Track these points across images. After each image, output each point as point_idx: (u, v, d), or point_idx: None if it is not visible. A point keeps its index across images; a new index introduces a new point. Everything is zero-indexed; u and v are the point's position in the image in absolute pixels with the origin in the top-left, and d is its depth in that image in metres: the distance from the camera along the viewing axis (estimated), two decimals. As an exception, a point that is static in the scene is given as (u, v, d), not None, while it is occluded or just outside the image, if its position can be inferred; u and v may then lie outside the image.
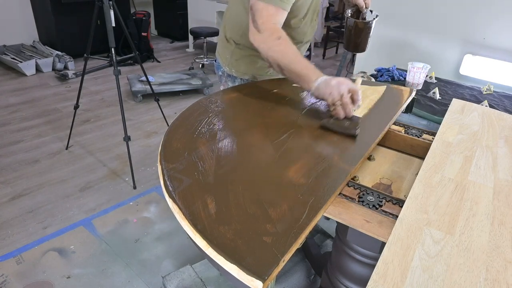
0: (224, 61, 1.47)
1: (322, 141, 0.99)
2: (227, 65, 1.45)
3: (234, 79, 1.47)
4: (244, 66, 1.42)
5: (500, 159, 0.98)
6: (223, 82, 1.54)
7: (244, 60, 1.41)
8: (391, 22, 2.80)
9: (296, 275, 1.65)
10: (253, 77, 1.44)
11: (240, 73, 1.44)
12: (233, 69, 1.44)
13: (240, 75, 1.45)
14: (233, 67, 1.44)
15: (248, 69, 1.43)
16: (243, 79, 1.45)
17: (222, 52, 1.48)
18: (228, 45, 1.43)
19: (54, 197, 2.25)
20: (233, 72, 1.45)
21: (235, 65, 1.43)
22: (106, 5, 2.23)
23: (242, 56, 1.41)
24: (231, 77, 1.47)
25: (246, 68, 1.43)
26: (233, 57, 1.42)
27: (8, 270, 1.74)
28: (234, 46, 1.40)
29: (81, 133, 3.01)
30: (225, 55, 1.45)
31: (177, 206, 0.70)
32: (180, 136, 0.95)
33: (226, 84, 1.52)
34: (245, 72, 1.44)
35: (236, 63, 1.43)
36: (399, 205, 0.81)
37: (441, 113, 1.69)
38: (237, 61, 1.42)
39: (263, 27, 1.12)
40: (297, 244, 0.64)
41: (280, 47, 1.10)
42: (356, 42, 1.34)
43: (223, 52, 1.47)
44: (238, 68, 1.44)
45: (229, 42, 1.42)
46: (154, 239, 1.97)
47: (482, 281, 0.60)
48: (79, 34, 4.59)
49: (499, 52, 2.38)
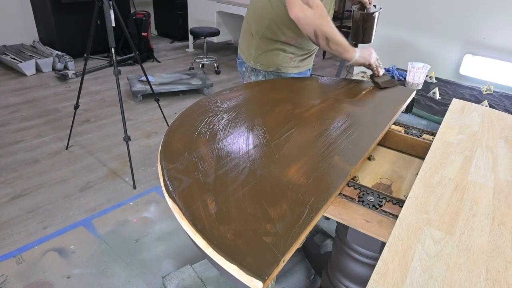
0: (248, 57, 1.58)
1: (322, 141, 0.99)
2: (252, 60, 1.57)
3: (257, 73, 1.59)
4: (268, 59, 1.54)
5: (500, 159, 0.98)
6: (246, 78, 1.65)
7: (268, 54, 1.53)
8: (391, 22, 2.80)
9: (296, 275, 1.65)
10: (277, 69, 1.56)
11: (264, 66, 1.55)
12: (258, 63, 1.56)
13: (265, 68, 1.56)
14: (258, 61, 1.55)
15: (272, 62, 1.54)
16: (267, 72, 1.57)
17: (246, 49, 1.59)
18: (252, 40, 1.54)
19: (54, 197, 2.25)
20: (258, 66, 1.56)
21: (259, 59, 1.55)
22: (106, 5, 2.23)
23: (266, 50, 1.52)
24: (255, 72, 1.59)
25: (271, 61, 1.54)
26: (258, 52, 1.54)
27: (8, 270, 1.74)
28: (259, 40, 1.51)
29: (81, 133, 3.01)
30: (250, 51, 1.56)
31: (177, 206, 0.69)
32: (180, 136, 0.95)
33: (249, 79, 1.63)
34: (269, 65, 1.55)
35: (260, 57, 1.54)
36: (399, 205, 0.81)
37: (441, 113, 1.69)
38: (261, 55, 1.53)
39: (315, 3, 1.25)
40: (297, 244, 0.64)
41: (330, 23, 1.28)
42: (363, 33, 1.50)
43: (247, 49, 1.58)
44: (262, 62, 1.55)
45: (254, 37, 1.53)
46: (154, 239, 1.97)
47: (482, 281, 0.60)
48: (79, 34, 4.59)
49: (499, 52, 2.38)
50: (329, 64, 5.29)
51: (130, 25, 4.65)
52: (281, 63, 1.55)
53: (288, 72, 1.58)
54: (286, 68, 1.56)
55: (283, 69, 1.56)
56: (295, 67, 1.58)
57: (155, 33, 6.15)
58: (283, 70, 1.56)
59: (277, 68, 1.56)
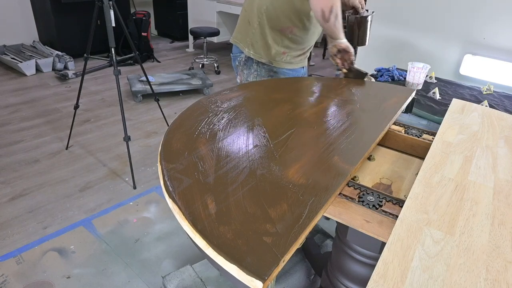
0: (244, 44, 1.62)
1: (322, 141, 0.99)
2: (246, 47, 1.61)
3: (250, 65, 1.62)
4: (262, 49, 1.58)
5: (500, 159, 0.98)
6: (239, 72, 1.69)
7: (262, 43, 1.56)
8: (391, 22, 2.80)
9: (296, 275, 1.65)
10: (269, 62, 1.59)
11: (258, 56, 1.59)
12: (251, 51, 1.60)
13: (258, 58, 1.59)
14: (252, 49, 1.60)
15: (265, 52, 1.58)
16: (259, 63, 1.60)
17: (242, 37, 1.63)
18: (249, 27, 1.58)
19: (54, 197, 2.25)
20: (251, 55, 1.60)
21: (255, 47, 1.59)
22: (106, 5, 2.23)
23: (260, 39, 1.56)
24: (247, 64, 1.63)
25: (264, 51, 1.58)
26: (254, 39, 1.58)
27: (8, 270, 1.74)
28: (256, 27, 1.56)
29: (81, 133, 3.01)
30: (246, 39, 1.61)
31: (177, 206, 0.69)
32: (180, 136, 0.95)
33: (242, 73, 1.67)
34: (262, 55, 1.59)
35: (256, 46, 1.58)
36: (399, 205, 0.81)
37: (441, 113, 1.69)
38: (257, 43, 1.58)
39: None
40: (297, 244, 0.64)
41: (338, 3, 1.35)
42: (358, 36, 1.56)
43: (243, 37, 1.63)
44: (257, 50, 1.59)
45: (251, 24, 1.58)
46: (154, 239, 1.97)
47: (482, 281, 0.60)
48: (79, 34, 4.59)
49: (499, 52, 2.38)
50: (329, 64, 5.29)
51: (130, 25, 4.65)
52: (274, 57, 1.57)
53: (281, 67, 1.60)
54: (278, 63, 1.59)
55: (275, 63, 1.59)
56: (288, 63, 1.60)
57: (155, 33, 6.15)
58: (274, 64, 1.59)
59: (269, 61, 1.58)
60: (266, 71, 1.62)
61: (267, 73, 1.63)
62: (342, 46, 1.40)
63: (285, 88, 1.34)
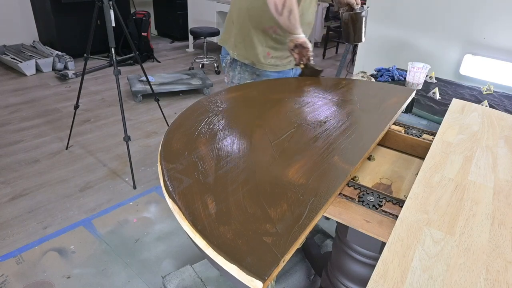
0: (230, 46, 1.59)
1: (322, 141, 0.99)
2: (231, 49, 1.58)
3: (234, 67, 1.59)
4: (246, 49, 1.54)
5: (500, 159, 0.98)
6: (226, 73, 1.66)
7: (246, 43, 1.53)
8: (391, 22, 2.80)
9: (296, 275, 1.65)
10: (253, 63, 1.55)
11: (241, 57, 1.56)
12: (235, 53, 1.57)
13: (242, 59, 1.56)
14: (235, 50, 1.56)
15: (249, 53, 1.54)
16: (243, 65, 1.57)
17: (227, 38, 1.60)
18: (233, 27, 1.56)
19: (54, 197, 2.25)
20: (235, 56, 1.57)
21: (238, 48, 1.56)
22: (106, 5, 2.23)
23: (244, 39, 1.53)
24: (233, 66, 1.59)
25: (248, 51, 1.54)
26: (237, 39, 1.55)
27: (8, 270, 1.74)
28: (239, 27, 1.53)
29: (81, 133, 3.01)
30: (230, 39, 1.58)
31: (177, 206, 0.69)
32: (180, 136, 0.95)
33: (228, 75, 1.64)
34: (245, 56, 1.55)
35: (239, 46, 1.55)
36: (399, 205, 0.81)
37: (441, 113, 1.69)
38: (240, 43, 1.55)
39: None
40: (297, 244, 0.64)
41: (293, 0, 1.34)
42: (354, 33, 1.53)
43: (228, 37, 1.59)
44: (240, 52, 1.56)
45: (234, 24, 1.55)
46: (154, 239, 1.97)
47: (482, 281, 0.60)
48: (79, 34, 4.59)
49: (499, 52, 2.38)
50: (329, 64, 5.29)
51: (130, 25, 4.65)
52: (258, 59, 1.53)
53: (264, 70, 1.56)
54: (262, 65, 1.55)
55: (259, 65, 1.55)
56: (273, 65, 1.57)
57: (155, 33, 6.15)
58: (258, 66, 1.55)
59: (253, 62, 1.55)
60: (249, 73, 1.59)
61: (250, 76, 1.59)
62: (299, 41, 1.39)
63: (285, 88, 1.34)
